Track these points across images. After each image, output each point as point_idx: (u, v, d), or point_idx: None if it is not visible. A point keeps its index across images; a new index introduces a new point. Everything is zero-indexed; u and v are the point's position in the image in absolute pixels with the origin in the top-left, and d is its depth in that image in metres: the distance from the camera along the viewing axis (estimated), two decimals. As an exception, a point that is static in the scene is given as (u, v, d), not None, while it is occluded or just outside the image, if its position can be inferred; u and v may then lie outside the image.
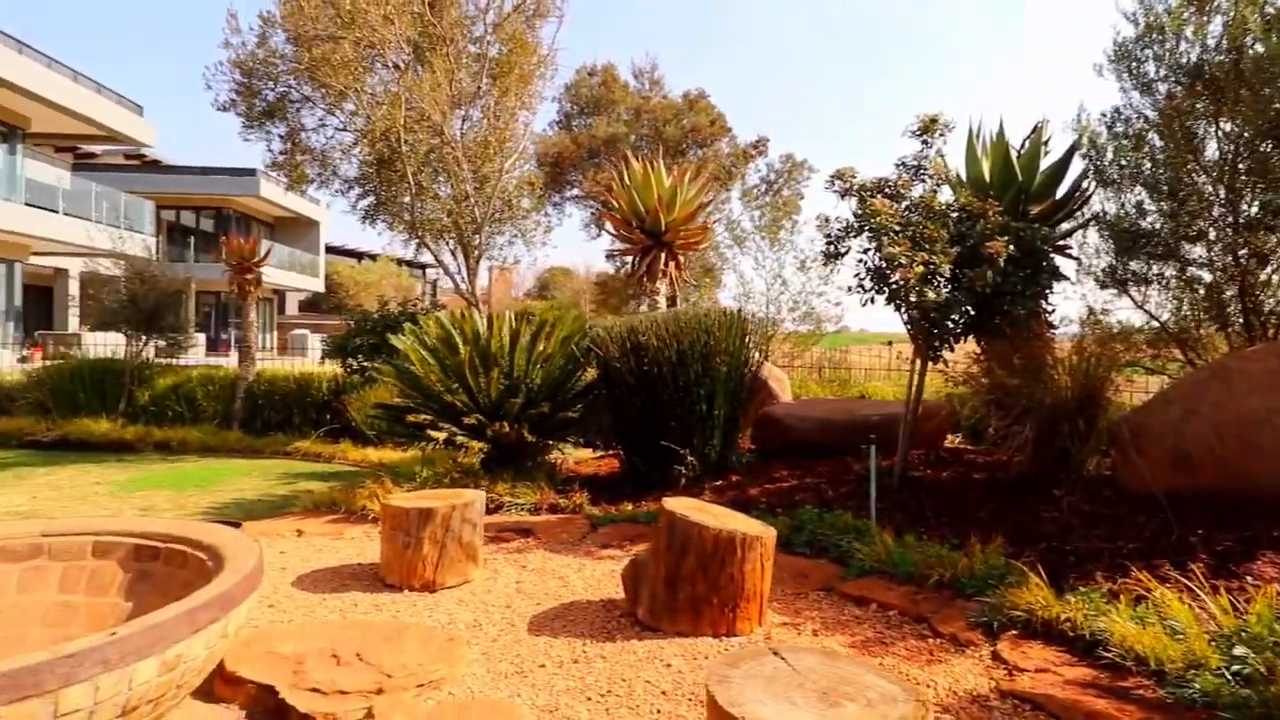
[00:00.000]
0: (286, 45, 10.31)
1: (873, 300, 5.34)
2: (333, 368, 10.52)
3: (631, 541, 4.92)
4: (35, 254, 20.26)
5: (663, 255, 8.83)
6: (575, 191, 22.04)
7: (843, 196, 5.52)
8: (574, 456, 7.81)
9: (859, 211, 5.33)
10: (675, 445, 6.10)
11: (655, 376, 6.17)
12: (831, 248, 5.47)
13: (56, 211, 18.73)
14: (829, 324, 12.28)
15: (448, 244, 11.07)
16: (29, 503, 6.58)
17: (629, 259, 10.63)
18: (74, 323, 21.08)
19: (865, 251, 5.31)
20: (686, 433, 6.19)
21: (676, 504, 3.68)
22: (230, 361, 13.76)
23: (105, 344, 11.50)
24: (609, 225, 10.62)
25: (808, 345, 12.11)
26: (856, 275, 5.36)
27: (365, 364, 9.70)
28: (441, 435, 5.94)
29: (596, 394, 6.67)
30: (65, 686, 1.74)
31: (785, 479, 6.12)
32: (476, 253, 10.66)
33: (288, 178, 11.36)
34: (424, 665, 2.94)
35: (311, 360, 13.67)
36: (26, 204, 17.85)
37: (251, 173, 28.55)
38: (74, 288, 21.14)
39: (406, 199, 10.74)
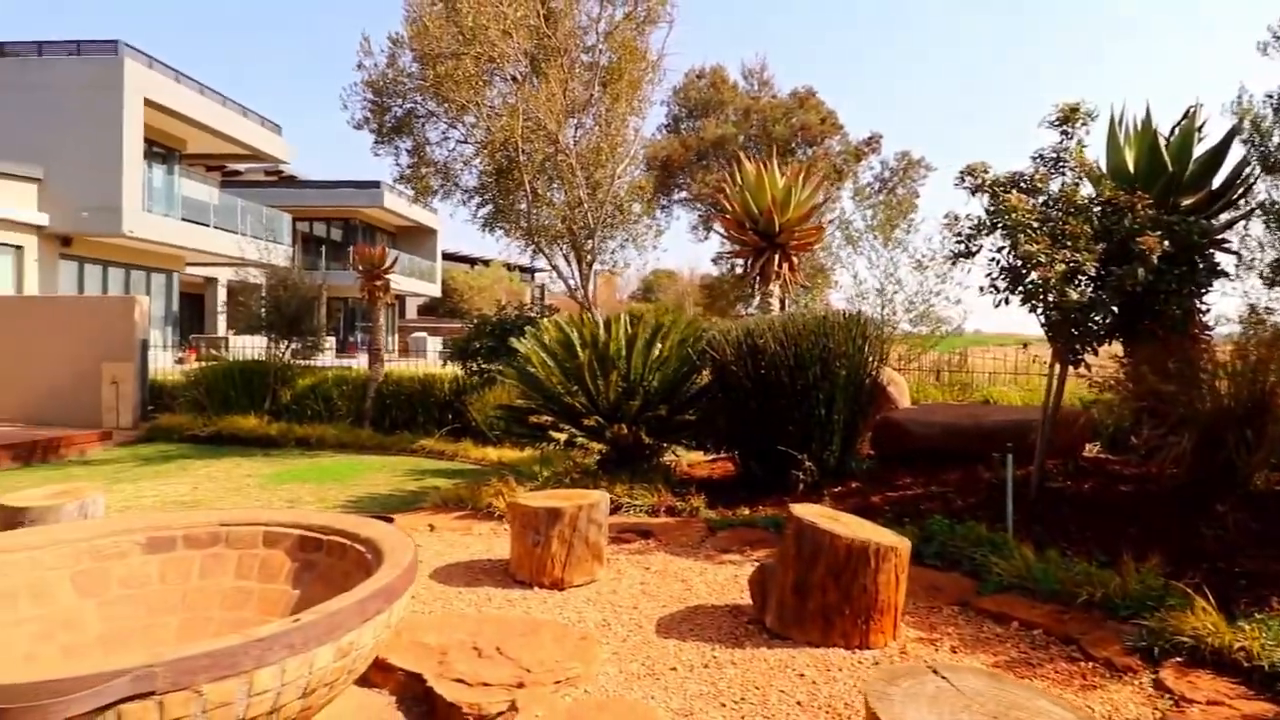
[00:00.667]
0: (413, 64, 10.87)
1: (1006, 301, 5.08)
2: (453, 369, 10.97)
3: (751, 546, 4.88)
4: (189, 264, 22.19)
5: (776, 256, 8.72)
6: (683, 194, 22.09)
7: (973, 193, 5.27)
8: (687, 459, 7.83)
9: (992, 208, 5.09)
10: (792, 450, 6.02)
11: (772, 380, 6.10)
12: (962, 246, 5.24)
13: (208, 225, 20.46)
14: (947, 325, 11.81)
15: (561, 249, 11.33)
16: (191, 493, 7.21)
17: (740, 261, 10.57)
18: (222, 327, 22.94)
19: (999, 250, 5.07)
20: (804, 437, 6.09)
21: (804, 511, 3.64)
22: (357, 363, 14.59)
23: (249, 346, 12.45)
24: (720, 227, 10.58)
25: (925, 348, 11.67)
26: (989, 275, 5.12)
27: (485, 366, 10.07)
28: (563, 436, 6.09)
29: (712, 397, 6.66)
30: (258, 668, 1.89)
31: (909, 487, 5.92)
32: (589, 257, 10.87)
33: (413, 189, 11.96)
34: (560, 662, 3.02)
35: (430, 362, 14.32)
36: (183, 219, 19.60)
37: (376, 185, 30.21)
38: (222, 295, 22.98)
39: (523, 207, 11.08)
